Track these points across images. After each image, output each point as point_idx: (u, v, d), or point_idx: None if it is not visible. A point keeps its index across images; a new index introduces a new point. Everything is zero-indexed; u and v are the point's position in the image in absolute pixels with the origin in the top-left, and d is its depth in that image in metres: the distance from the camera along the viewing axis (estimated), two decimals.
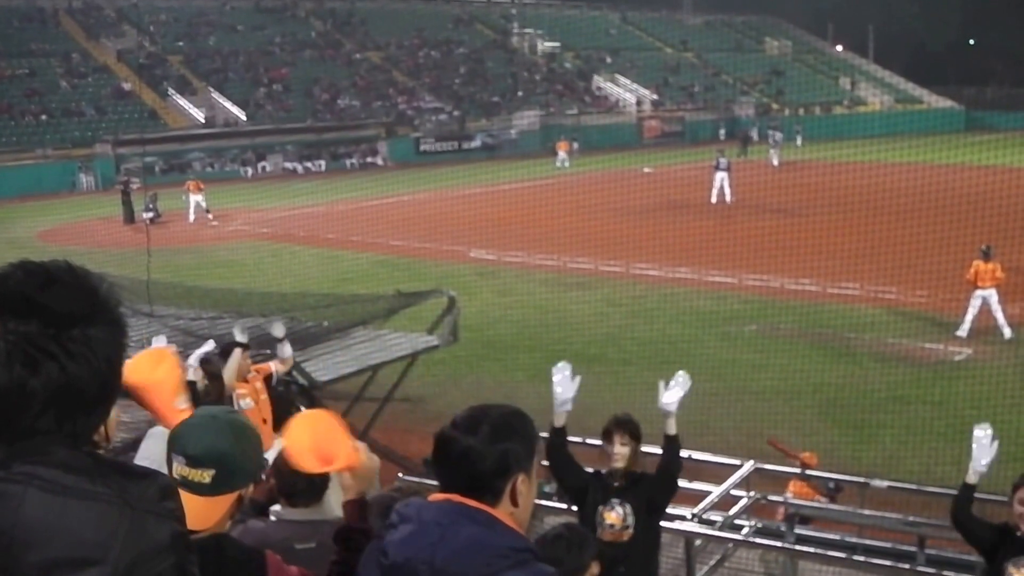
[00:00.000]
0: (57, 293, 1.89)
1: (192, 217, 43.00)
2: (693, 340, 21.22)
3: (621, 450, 7.30)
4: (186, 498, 3.08)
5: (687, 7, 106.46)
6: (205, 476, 3.22)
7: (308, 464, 3.56)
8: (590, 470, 7.71)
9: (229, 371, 10.93)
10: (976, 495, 10.16)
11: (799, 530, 10.58)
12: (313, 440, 3.55)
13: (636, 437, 7.39)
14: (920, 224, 27.68)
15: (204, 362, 10.61)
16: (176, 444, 3.29)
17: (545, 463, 7.57)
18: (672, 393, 7.37)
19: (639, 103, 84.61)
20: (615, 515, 7.11)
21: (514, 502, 3.14)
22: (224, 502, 3.35)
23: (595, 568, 5.58)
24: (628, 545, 7.18)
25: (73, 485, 1.83)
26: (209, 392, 10.56)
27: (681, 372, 7.54)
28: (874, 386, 18.41)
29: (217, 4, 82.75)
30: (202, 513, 3.21)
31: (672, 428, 7.42)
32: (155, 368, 4.16)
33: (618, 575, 6.80)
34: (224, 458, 3.28)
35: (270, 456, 10.91)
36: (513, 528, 3.11)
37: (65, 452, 1.87)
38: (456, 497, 3.08)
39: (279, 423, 13.76)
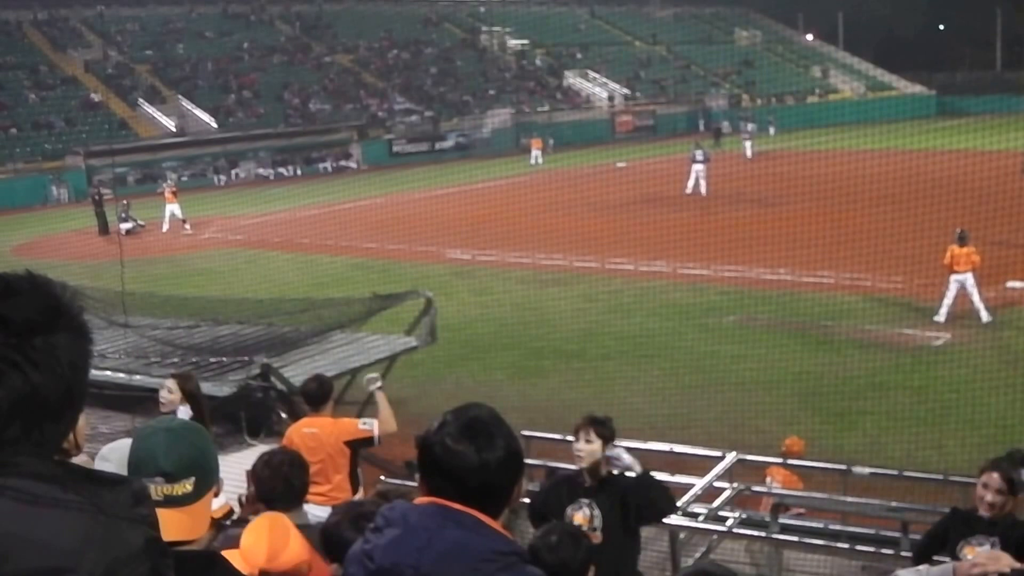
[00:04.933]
0: (17, 303, 1.87)
1: (166, 226, 42.79)
2: (672, 333, 21.25)
3: (585, 447, 7.04)
4: (172, 513, 3.06)
5: (655, 0, 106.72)
6: (187, 486, 3.19)
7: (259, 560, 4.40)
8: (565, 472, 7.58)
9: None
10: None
11: (783, 519, 10.58)
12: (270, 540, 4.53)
13: (605, 436, 7.10)
14: (895, 210, 27.77)
15: (184, 379, 9.75)
16: (148, 467, 3.19)
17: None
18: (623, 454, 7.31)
19: (611, 98, 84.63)
20: (581, 515, 6.86)
21: (510, 506, 3.12)
22: (208, 503, 3.33)
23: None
24: (599, 548, 6.52)
25: (44, 494, 1.81)
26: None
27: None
28: (854, 373, 18.42)
29: (184, 11, 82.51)
30: (192, 522, 3.20)
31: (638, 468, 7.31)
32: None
33: None
34: (197, 461, 3.25)
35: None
36: (499, 531, 3.07)
37: (35, 462, 1.85)
38: (441, 500, 3.04)
39: (258, 428, 13.71)
